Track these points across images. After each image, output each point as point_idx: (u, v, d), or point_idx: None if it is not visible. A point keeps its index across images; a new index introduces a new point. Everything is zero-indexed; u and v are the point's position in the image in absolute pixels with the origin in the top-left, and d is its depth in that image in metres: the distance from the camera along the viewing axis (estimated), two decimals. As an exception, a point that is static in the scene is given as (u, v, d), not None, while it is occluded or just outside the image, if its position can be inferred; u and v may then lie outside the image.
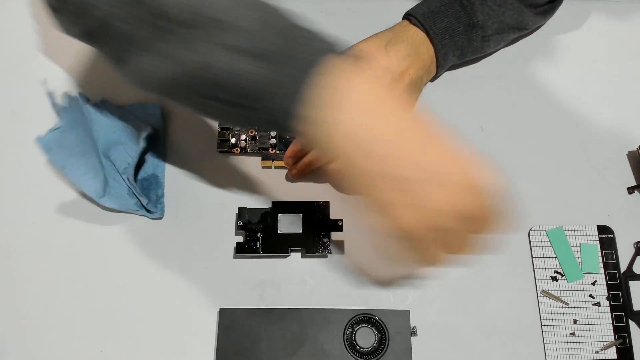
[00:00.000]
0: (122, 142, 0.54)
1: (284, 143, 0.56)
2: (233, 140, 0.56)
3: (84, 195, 0.53)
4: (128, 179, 0.52)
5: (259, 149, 0.56)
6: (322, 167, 0.53)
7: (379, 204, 0.34)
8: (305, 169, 0.54)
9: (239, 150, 0.56)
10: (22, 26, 0.61)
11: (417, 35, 0.53)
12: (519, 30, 0.56)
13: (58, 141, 0.51)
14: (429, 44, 0.52)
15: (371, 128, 0.32)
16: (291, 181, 0.55)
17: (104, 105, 0.56)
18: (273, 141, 0.56)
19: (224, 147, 0.56)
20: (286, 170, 0.55)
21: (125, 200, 0.53)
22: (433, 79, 0.56)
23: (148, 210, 0.53)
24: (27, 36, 0.61)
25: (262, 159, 0.56)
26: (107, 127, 0.55)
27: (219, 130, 0.56)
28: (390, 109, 0.33)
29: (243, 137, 0.56)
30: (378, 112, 0.33)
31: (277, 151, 0.56)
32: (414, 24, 0.53)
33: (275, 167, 0.56)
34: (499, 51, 0.60)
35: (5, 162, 0.55)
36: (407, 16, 0.54)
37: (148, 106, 0.57)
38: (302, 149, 0.52)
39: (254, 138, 0.56)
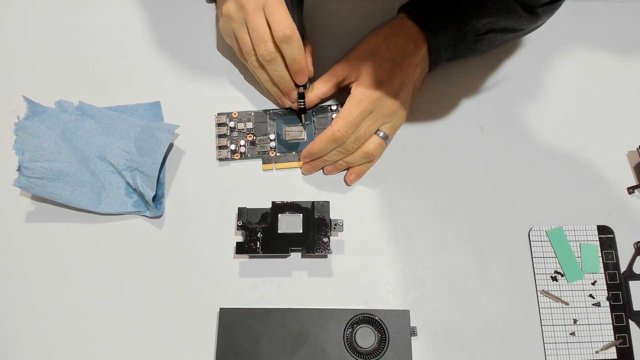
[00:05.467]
0: (115, 141, 0.54)
1: (283, 145, 0.56)
2: (232, 147, 0.56)
3: (81, 208, 0.53)
4: (137, 170, 0.52)
5: (258, 153, 0.56)
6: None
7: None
8: (318, 166, 0.55)
9: (239, 156, 0.56)
10: (22, 27, 0.61)
11: (412, 29, 0.53)
12: (514, 31, 0.56)
13: (32, 174, 0.50)
14: (424, 39, 0.53)
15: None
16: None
17: (83, 109, 0.55)
18: (272, 144, 0.56)
19: (223, 154, 0.56)
20: (286, 171, 0.56)
21: (122, 202, 0.53)
22: (427, 75, 0.56)
23: (148, 208, 0.53)
24: (28, 37, 0.61)
25: (263, 163, 0.56)
26: (95, 130, 0.55)
27: (217, 136, 0.56)
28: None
29: (242, 142, 0.56)
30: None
31: (277, 153, 0.56)
32: (409, 19, 0.53)
33: (277, 169, 0.56)
34: (498, 51, 0.60)
35: (5, 161, 0.55)
36: (402, 10, 0.55)
37: (149, 106, 0.57)
38: (320, 152, 0.53)
39: (252, 143, 0.56)
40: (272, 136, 0.56)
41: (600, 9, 0.63)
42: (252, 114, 0.57)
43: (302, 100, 0.54)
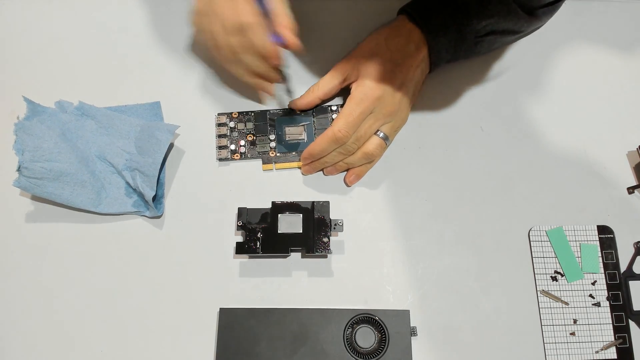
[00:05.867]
0: (115, 141, 0.54)
1: (283, 145, 0.56)
2: (232, 147, 0.56)
3: (81, 209, 0.53)
4: (137, 170, 0.52)
5: (258, 153, 0.56)
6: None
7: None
8: (318, 167, 0.55)
9: (239, 156, 0.56)
10: (22, 27, 0.61)
11: (413, 31, 0.53)
12: (514, 33, 0.56)
13: (32, 174, 0.50)
14: (424, 41, 0.53)
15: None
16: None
17: (83, 109, 0.55)
18: (272, 144, 0.56)
19: (223, 154, 0.56)
20: (286, 172, 0.56)
21: (122, 202, 0.53)
22: (427, 75, 0.56)
23: (148, 208, 0.53)
24: (27, 37, 0.61)
25: (263, 163, 0.56)
26: (95, 130, 0.55)
27: (217, 136, 0.56)
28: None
29: (242, 142, 0.56)
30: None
31: (277, 153, 0.56)
32: (410, 20, 0.53)
33: (277, 170, 0.56)
34: (498, 51, 0.60)
35: (5, 161, 0.55)
36: (403, 11, 0.55)
37: (149, 106, 0.57)
38: (321, 153, 0.53)
39: (252, 143, 0.56)
40: (272, 136, 0.56)
41: (600, 9, 0.63)
42: (252, 114, 0.57)
43: (283, 72, 0.53)
